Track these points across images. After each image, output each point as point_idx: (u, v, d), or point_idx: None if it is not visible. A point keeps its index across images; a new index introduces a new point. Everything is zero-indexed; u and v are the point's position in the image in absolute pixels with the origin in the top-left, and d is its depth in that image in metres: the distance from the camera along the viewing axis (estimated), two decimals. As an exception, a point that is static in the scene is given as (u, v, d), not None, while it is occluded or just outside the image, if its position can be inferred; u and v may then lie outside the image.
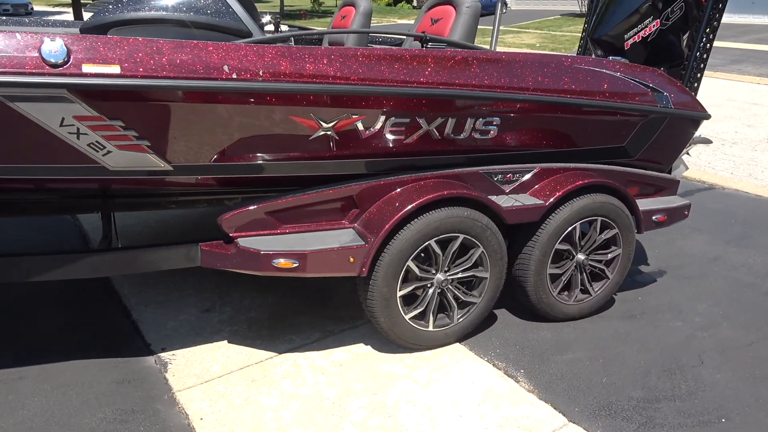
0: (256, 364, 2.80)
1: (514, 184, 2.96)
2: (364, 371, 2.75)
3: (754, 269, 4.06)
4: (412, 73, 2.49)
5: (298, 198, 2.59)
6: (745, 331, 3.25)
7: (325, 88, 2.33)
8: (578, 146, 3.11)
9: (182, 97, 2.18)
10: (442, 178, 2.76)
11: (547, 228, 2.95)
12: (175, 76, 2.13)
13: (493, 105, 2.71)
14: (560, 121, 2.94)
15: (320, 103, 2.39)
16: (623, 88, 3.02)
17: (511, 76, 2.70)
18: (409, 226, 2.62)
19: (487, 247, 2.81)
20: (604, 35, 4.26)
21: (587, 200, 3.00)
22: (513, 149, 2.94)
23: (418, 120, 2.62)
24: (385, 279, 2.64)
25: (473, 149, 2.84)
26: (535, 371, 2.78)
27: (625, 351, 2.99)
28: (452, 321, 2.90)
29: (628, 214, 3.14)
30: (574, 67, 2.89)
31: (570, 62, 2.88)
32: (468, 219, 2.71)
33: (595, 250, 3.18)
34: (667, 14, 4.00)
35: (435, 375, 2.73)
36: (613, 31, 4.21)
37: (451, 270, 2.83)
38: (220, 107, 2.25)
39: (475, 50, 2.71)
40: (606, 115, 3.02)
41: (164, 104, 2.19)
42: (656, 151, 3.36)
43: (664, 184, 3.43)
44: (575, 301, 3.20)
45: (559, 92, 2.82)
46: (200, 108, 2.23)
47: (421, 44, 2.67)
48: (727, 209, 5.28)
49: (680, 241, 4.53)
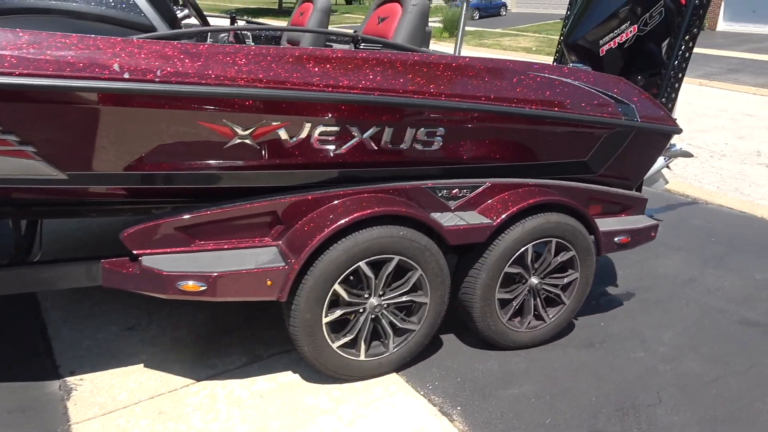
0: (169, 393, 2.55)
1: (461, 200, 2.71)
2: (285, 404, 2.50)
3: (729, 294, 3.81)
4: (337, 76, 2.23)
5: (214, 212, 2.33)
6: (712, 365, 3.00)
7: (232, 91, 2.07)
8: (536, 160, 2.86)
9: (64, 98, 1.92)
10: (378, 194, 2.50)
11: (496, 249, 2.70)
12: (55, 74, 1.87)
13: (434, 114, 2.45)
14: (514, 132, 2.69)
15: (232, 108, 2.14)
16: (584, 98, 2.77)
17: (453, 83, 2.45)
18: (335, 246, 2.36)
19: (426, 270, 2.56)
20: (579, 40, 4.00)
21: (540, 220, 2.74)
22: (463, 162, 2.69)
23: (350, 129, 2.37)
24: (308, 304, 2.39)
25: (417, 162, 2.59)
26: (474, 409, 2.53)
27: (576, 385, 2.74)
28: (388, 350, 2.65)
29: (586, 236, 2.89)
30: (528, 74, 2.63)
31: (524, 69, 2.63)
32: (403, 239, 2.46)
33: (550, 274, 2.93)
34: (645, 20, 3.75)
35: (362, 411, 2.48)
36: (588, 36, 3.95)
37: (387, 294, 2.57)
38: (111, 110, 2.00)
39: (415, 53, 2.46)
40: (564, 127, 2.77)
41: (46, 106, 1.94)
42: (622, 166, 3.11)
43: (631, 202, 3.18)
44: (528, 328, 2.95)
45: (510, 101, 2.56)
46: (88, 111, 1.97)
47: (354, 45, 2.42)
48: (709, 226, 5.03)
49: (654, 261, 4.28)
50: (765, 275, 4.12)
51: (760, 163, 7.13)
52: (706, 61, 16.11)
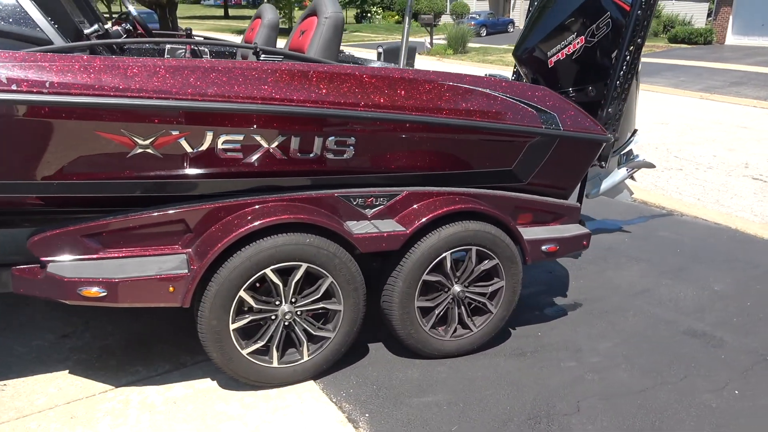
0: (86, 399, 2.59)
1: (378, 208, 2.74)
2: (195, 411, 2.53)
3: (680, 305, 3.76)
4: (232, 87, 2.29)
5: (120, 220, 2.39)
6: (644, 375, 2.96)
7: (121, 102, 2.14)
8: (460, 169, 2.88)
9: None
10: (285, 202, 2.54)
11: (411, 257, 2.71)
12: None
13: (340, 123, 2.50)
14: (429, 141, 2.72)
15: (129, 118, 2.20)
16: (500, 107, 2.78)
17: (356, 93, 2.49)
18: (238, 254, 2.41)
19: (337, 278, 2.58)
20: (527, 52, 4.04)
21: (458, 228, 2.75)
22: (380, 171, 2.72)
23: (255, 138, 2.42)
24: (214, 311, 2.42)
25: (330, 171, 2.62)
26: (382, 416, 2.53)
27: (495, 394, 2.72)
28: (302, 357, 2.67)
29: (509, 244, 2.89)
30: (439, 83, 2.66)
31: (434, 78, 2.66)
32: (310, 246, 2.49)
33: (475, 282, 2.93)
34: (592, 31, 3.78)
35: (269, 418, 2.49)
36: (536, 48, 3.99)
37: (299, 302, 2.60)
38: (4, 120, 2.08)
39: (318, 64, 2.51)
40: (480, 136, 2.79)
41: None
42: (552, 175, 3.11)
43: (562, 211, 3.18)
44: (453, 337, 2.95)
45: (419, 110, 2.60)
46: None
47: (256, 56, 2.48)
48: (677, 237, 4.97)
49: (611, 272, 4.24)
50: (724, 286, 4.05)
51: (746, 175, 7.03)
52: (710, 74, 15.97)
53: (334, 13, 2.68)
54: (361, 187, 2.71)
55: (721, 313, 3.67)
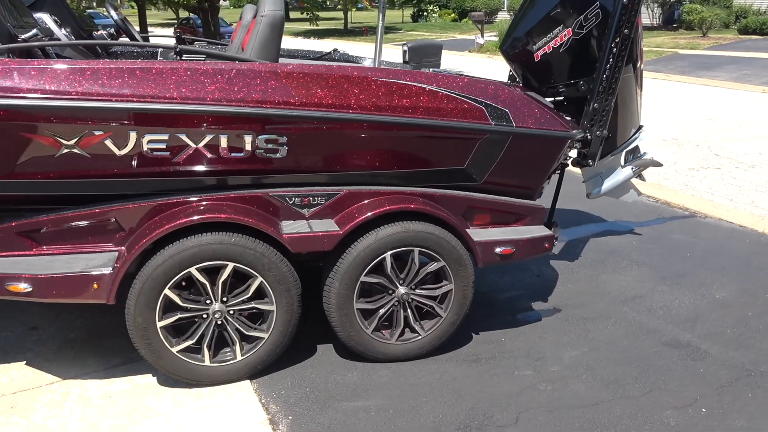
0: (32, 390, 2.69)
1: (316, 208, 2.69)
2: (127, 406, 2.57)
3: (671, 313, 3.50)
4: (146, 88, 2.31)
5: (53, 218, 2.47)
6: (602, 388, 2.77)
7: (40, 104, 2.20)
8: (408, 168, 2.79)
9: None
10: (213, 202, 2.54)
11: (347, 258, 2.65)
12: None
13: (263, 122, 2.47)
14: (369, 140, 2.65)
15: (49, 119, 2.27)
16: (443, 104, 2.67)
17: (282, 91, 2.46)
18: (161, 252, 2.43)
19: (267, 278, 2.56)
20: (513, 46, 3.87)
21: (396, 228, 2.67)
22: (320, 170, 2.68)
23: (180, 138, 2.43)
24: (139, 308, 2.46)
25: (263, 170, 2.60)
26: (305, 419, 2.48)
27: (431, 402, 2.62)
28: (236, 357, 2.66)
29: (456, 245, 2.77)
30: (373, 80, 2.59)
31: (367, 75, 2.59)
32: (235, 246, 2.48)
33: (422, 285, 2.83)
34: (580, 22, 3.58)
35: (195, 416, 2.50)
36: (521, 41, 3.81)
37: (230, 301, 2.60)
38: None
39: (243, 62, 2.49)
40: (424, 134, 2.70)
41: None
42: (510, 174, 2.96)
43: (523, 211, 3.02)
44: (400, 340, 2.86)
45: (352, 108, 2.54)
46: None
47: (178, 56, 2.49)
48: (691, 241, 4.64)
49: (606, 276, 4.01)
50: (727, 294, 3.75)
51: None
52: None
53: (271, 11, 2.65)
54: (302, 186, 2.67)
55: (716, 324, 3.39)
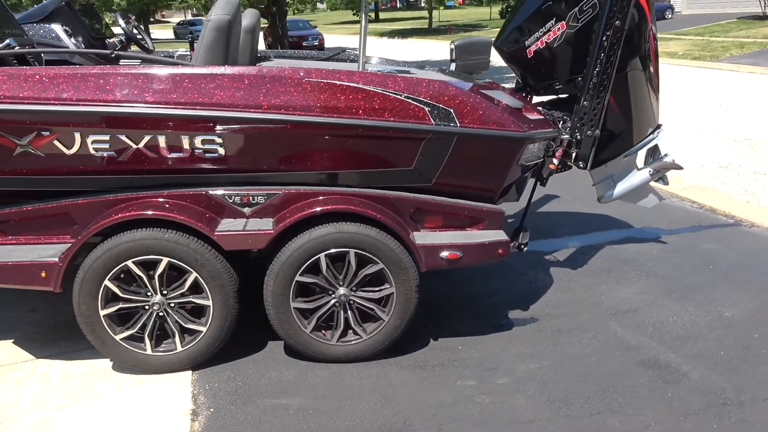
0: (8, 365, 2.96)
1: (256, 207, 2.74)
2: (77, 386, 2.76)
3: (663, 330, 3.21)
4: (85, 90, 2.47)
5: (14, 212, 2.70)
6: (546, 405, 2.60)
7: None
8: (352, 168, 2.77)
9: None
10: (151, 199, 2.66)
11: (281, 258, 2.68)
12: None
13: (196, 123, 2.56)
14: (306, 141, 2.67)
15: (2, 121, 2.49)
16: (380, 103, 2.63)
17: (213, 92, 2.53)
18: (100, 245, 2.59)
19: (201, 273, 2.65)
20: (506, 41, 3.72)
21: (330, 229, 2.66)
22: (260, 170, 2.73)
23: (120, 138, 2.58)
24: (83, 297, 2.63)
25: (204, 169, 2.70)
26: (224, 413, 2.54)
27: (356, 405, 2.58)
28: (176, 347, 2.77)
29: (395, 248, 2.71)
30: (303, 80, 2.59)
31: (299, 75, 2.59)
32: (168, 242, 2.59)
33: (363, 286, 2.80)
34: (574, 14, 3.40)
35: (129, 401, 2.64)
36: (514, 36, 3.66)
37: (170, 294, 2.71)
38: None
39: (176, 66, 2.59)
40: (362, 134, 2.66)
41: None
42: (462, 175, 2.85)
43: (478, 215, 2.89)
44: (341, 341, 2.85)
45: (283, 109, 2.56)
46: None
47: (114, 60, 2.62)
48: (720, 252, 4.21)
49: (605, 286, 3.75)
50: (738, 312, 3.37)
51: None
52: None
53: (217, 16, 2.73)
54: (247, 185, 2.74)
55: (710, 344, 3.07)
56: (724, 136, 7.66)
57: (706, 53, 15.57)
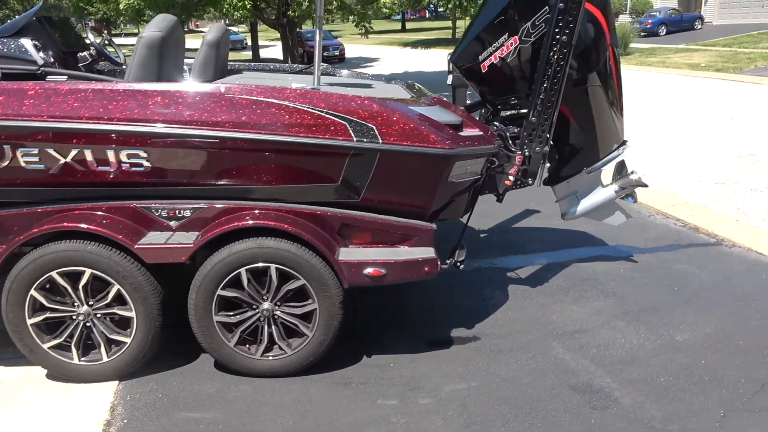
0: (-45, 369, 3.05)
1: (183, 221, 2.78)
2: (7, 392, 2.82)
3: (606, 353, 3.12)
4: (7, 105, 2.55)
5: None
6: (460, 428, 2.55)
7: None
8: (277, 183, 2.77)
9: None
10: (78, 212, 2.72)
11: (202, 271, 2.71)
12: None
13: (118, 138, 2.61)
14: (223, 156, 2.69)
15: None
16: (298, 119, 2.63)
17: (133, 108, 2.58)
18: (25, 256, 2.65)
19: (123, 285, 2.69)
20: (461, 56, 3.69)
21: (250, 244, 2.67)
22: (187, 185, 2.76)
23: (48, 152, 2.65)
24: (9, 305, 2.70)
25: (132, 183, 2.74)
26: (137, 425, 2.56)
27: (268, 421, 2.58)
28: (102, 358, 2.82)
29: (316, 264, 2.71)
30: (224, 96, 2.62)
31: (215, 91, 2.63)
32: (90, 254, 2.64)
33: (287, 302, 2.80)
34: (527, 29, 3.37)
35: (53, 409, 2.68)
36: (468, 51, 3.63)
37: (95, 305, 2.76)
38: None
39: (102, 82, 2.65)
40: (283, 149, 2.67)
41: None
42: (389, 191, 2.84)
43: (406, 231, 2.86)
44: (265, 356, 2.85)
45: (197, 124, 2.60)
46: None
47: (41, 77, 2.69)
48: (691, 273, 4.08)
49: (561, 306, 3.66)
50: (692, 337, 3.26)
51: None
52: None
53: (149, 33, 2.79)
54: (174, 199, 2.78)
55: (653, 370, 2.97)
56: (728, 151, 7.43)
57: (730, 65, 15.14)
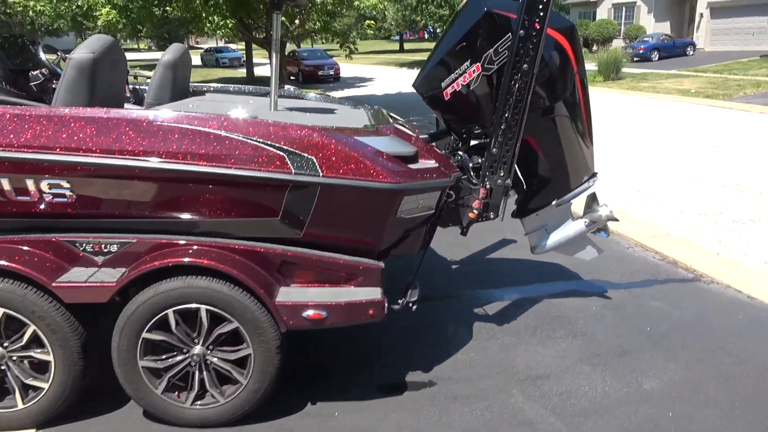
0: None
1: (109, 256, 2.57)
2: None
3: (568, 402, 2.91)
4: None
5: None
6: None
7: None
8: (214, 217, 2.58)
9: None
10: None
11: (126, 313, 2.50)
12: None
13: (34, 167, 2.42)
14: (154, 187, 2.50)
15: None
16: (239, 150, 2.45)
17: (50, 135, 2.39)
18: (-73, 294, 2.45)
19: (39, 326, 2.48)
20: (422, 83, 3.53)
21: (178, 283, 2.47)
22: (114, 217, 2.56)
23: (-37, 181, 2.46)
24: None
25: (56, 214, 2.54)
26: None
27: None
28: (17, 404, 2.59)
29: (250, 305, 2.50)
30: (155, 124, 2.44)
31: (141, 118, 2.45)
32: (3, 291, 2.43)
33: (220, 346, 2.59)
34: (489, 56, 3.21)
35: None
36: (431, 77, 3.46)
37: (10, 347, 2.55)
38: None
39: (17, 107, 2.46)
40: (219, 180, 2.49)
41: None
42: (335, 227, 2.65)
43: (349, 270, 2.66)
44: (197, 405, 2.63)
45: (121, 153, 2.41)
46: None
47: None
48: (665, 311, 3.88)
49: (526, 347, 3.46)
50: (661, 385, 3.05)
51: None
52: None
53: (79, 54, 2.62)
54: (99, 232, 2.58)
55: (615, 422, 2.76)
56: (713, 180, 7.29)
57: (720, 91, 15.12)
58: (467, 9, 3.45)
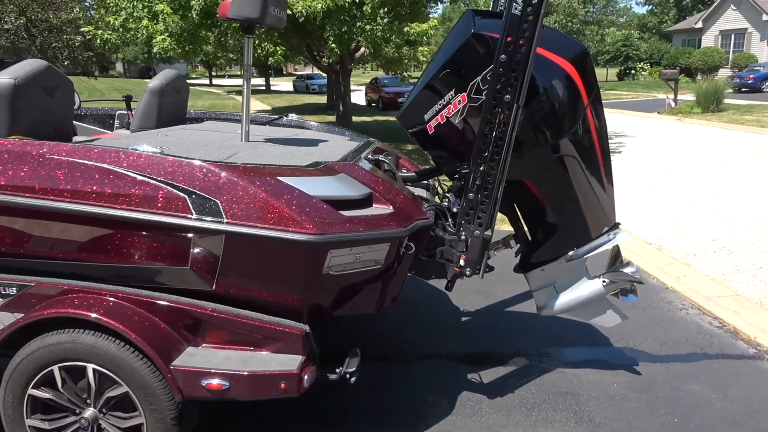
0: None
1: (8, 299, 2.33)
2: None
3: None
4: None
5: None
6: None
7: None
8: (115, 262, 2.27)
9: None
10: None
11: (12, 365, 2.24)
12: None
13: None
14: (43, 225, 2.25)
15: None
16: (135, 189, 2.14)
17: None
18: None
19: None
20: (406, 115, 3.11)
21: (63, 337, 2.18)
22: (9, 256, 2.34)
23: None
24: None
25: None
26: None
27: None
28: None
29: (140, 368, 2.15)
30: (47, 158, 2.19)
31: (34, 150, 2.19)
32: None
33: (112, 410, 2.26)
34: (476, 85, 2.79)
35: None
36: (415, 109, 3.04)
37: None
38: None
39: None
40: (112, 221, 2.18)
41: None
42: (248, 281, 2.27)
43: (265, 333, 2.24)
44: (89, 475, 2.30)
45: (11, 189, 2.17)
46: None
47: None
48: (707, 398, 3.15)
49: (514, 429, 2.86)
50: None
51: None
52: None
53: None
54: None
55: None
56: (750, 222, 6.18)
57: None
58: (455, 30, 3.00)
